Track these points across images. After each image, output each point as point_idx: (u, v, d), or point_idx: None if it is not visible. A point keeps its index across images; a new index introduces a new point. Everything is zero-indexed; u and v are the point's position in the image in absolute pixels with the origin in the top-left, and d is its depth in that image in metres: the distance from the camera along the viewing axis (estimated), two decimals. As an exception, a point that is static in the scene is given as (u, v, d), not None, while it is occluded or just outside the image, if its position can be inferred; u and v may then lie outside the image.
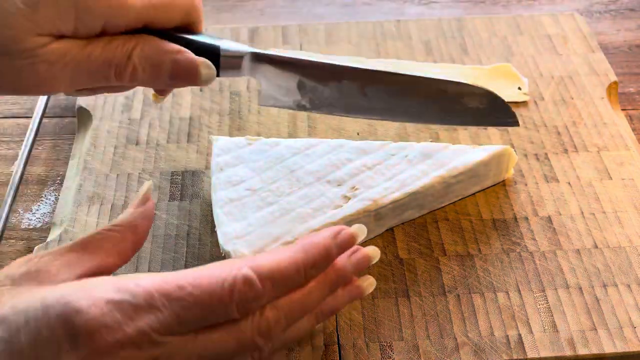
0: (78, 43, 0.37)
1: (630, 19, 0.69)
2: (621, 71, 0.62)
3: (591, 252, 0.46)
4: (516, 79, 0.58)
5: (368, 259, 0.39)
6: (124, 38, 0.38)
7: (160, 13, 0.38)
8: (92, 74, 0.37)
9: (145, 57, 0.38)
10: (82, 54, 0.36)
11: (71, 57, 0.36)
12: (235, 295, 0.31)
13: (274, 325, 0.33)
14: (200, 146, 0.53)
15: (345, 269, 0.37)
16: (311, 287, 0.35)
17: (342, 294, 0.38)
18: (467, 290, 0.44)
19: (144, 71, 0.38)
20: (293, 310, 0.34)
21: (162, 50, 0.38)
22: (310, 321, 0.36)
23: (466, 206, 0.49)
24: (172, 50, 0.38)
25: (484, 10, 0.70)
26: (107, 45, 0.37)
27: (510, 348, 0.41)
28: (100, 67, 0.37)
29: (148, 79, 0.39)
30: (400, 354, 0.41)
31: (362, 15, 0.70)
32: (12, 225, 0.50)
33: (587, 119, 0.55)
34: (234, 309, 0.31)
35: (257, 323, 0.32)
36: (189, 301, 0.30)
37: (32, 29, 0.35)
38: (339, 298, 0.38)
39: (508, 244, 0.46)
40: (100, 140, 0.53)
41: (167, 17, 0.38)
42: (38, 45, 0.35)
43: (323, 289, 0.36)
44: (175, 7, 0.39)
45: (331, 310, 0.38)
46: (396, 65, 0.59)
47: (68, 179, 0.52)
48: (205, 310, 0.31)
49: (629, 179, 0.50)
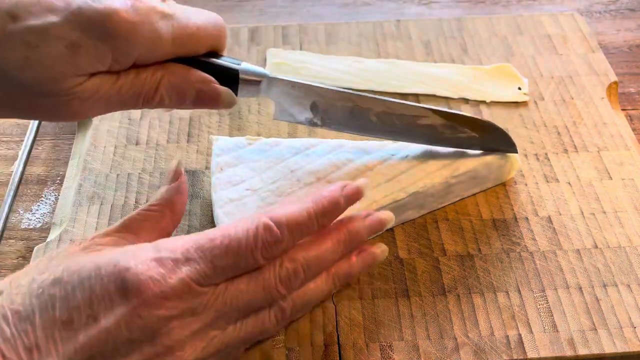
0: (110, 78, 0.38)
1: (630, 19, 0.69)
2: (621, 71, 0.62)
3: (591, 252, 0.46)
4: (516, 79, 0.58)
5: (382, 222, 0.41)
6: (152, 69, 0.39)
7: (189, 47, 0.40)
8: (122, 104, 0.39)
9: (171, 86, 0.40)
10: (114, 88, 0.38)
11: (104, 92, 0.38)
12: (259, 241, 0.35)
13: (293, 274, 0.36)
14: (200, 146, 0.53)
15: (359, 229, 0.40)
16: (326, 243, 0.38)
17: (356, 260, 0.41)
18: (467, 290, 0.44)
19: (170, 99, 0.40)
20: (310, 263, 0.37)
21: (187, 80, 0.40)
22: (327, 283, 0.39)
23: (466, 206, 0.49)
24: (196, 79, 0.40)
25: (484, 10, 0.70)
26: (136, 78, 0.39)
27: (510, 348, 0.41)
28: (130, 98, 0.39)
29: (173, 104, 0.41)
30: (400, 354, 0.41)
31: (362, 15, 0.70)
32: (12, 225, 0.50)
33: (587, 119, 0.55)
34: (258, 253, 0.35)
35: (278, 271, 0.36)
36: (220, 250, 0.34)
37: (72, 70, 0.36)
38: (353, 263, 0.41)
39: (508, 244, 0.46)
40: (100, 140, 0.53)
41: (195, 49, 0.40)
42: (75, 85, 0.37)
43: (337, 246, 0.39)
44: (204, 40, 0.40)
45: (346, 275, 0.40)
46: (396, 65, 0.59)
47: (68, 179, 0.52)
48: (235, 257, 0.35)
49: (629, 179, 0.50)
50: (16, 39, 0.35)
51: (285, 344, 0.41)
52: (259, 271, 0.36)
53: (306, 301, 0.38)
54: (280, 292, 0.36)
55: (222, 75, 0.41)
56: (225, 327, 0.35)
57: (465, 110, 0.56)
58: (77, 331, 0.32)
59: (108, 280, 0.32)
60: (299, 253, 0.37)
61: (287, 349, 0.41)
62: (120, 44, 0.37)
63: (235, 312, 0.35)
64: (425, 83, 0.57)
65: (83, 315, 0.32)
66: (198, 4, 0.70)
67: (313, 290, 0.39)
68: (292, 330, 0.42)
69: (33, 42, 0.35)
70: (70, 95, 0.37)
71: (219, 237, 0.35)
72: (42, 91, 0.37)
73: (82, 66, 0.37)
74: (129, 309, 0.32)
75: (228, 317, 0.35)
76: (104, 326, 0.32)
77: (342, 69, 0.59)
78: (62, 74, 0.36)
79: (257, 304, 0.36)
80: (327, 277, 0.39)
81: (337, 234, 0.39)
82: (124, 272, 0.33)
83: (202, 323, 0.34)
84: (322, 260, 0.38)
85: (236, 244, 0.35)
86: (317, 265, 0.38)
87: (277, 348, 0.41)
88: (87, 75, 0.37)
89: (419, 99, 0.57)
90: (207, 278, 0.34)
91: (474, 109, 0.56)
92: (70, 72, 0.36)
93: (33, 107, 0.38)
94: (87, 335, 0.32)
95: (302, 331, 0.42)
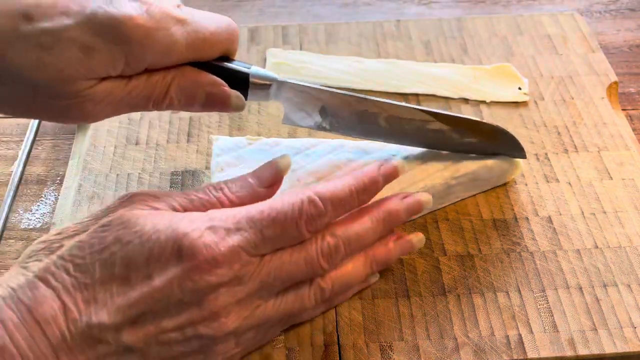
0: (121, 82, 0.38)
1: (630, 19, 0.69)
2: (621, 71, 0.62)
3: (591, 252, 0.46)
4: (516, 79, 0.58)
5: (420, 203, 0.42)
6: (163, 73, 0.40)
7: (203, 52, 0.40)
8: (132, 107, 0.40)
9: (181, 89, 0.41)
10: (124, 91, 0.39)
11: (115, 95, 0.38)
12: (304, 214, 0.37)
13: (334, 249, 0.38)
14: (200, 146, 0.53)
15: (397, 208, 0.41)
16: (365, 220, 0.40)
17: (393, 245, 0.42)
18: (467, 291, 0.44)
19: (180, 102, 0.41)
20: (350, 239, 0.39)
21: (197, 83, 0.41)
22: (365, 266, 0.41)
23: (466, 206, 0.49)
24: (206, 82, 0.41)
25: (484, 10, 0.70)
26: (147, 81, 0.39)
27: (511, 348, 0.41)
28: (140, 101, 0.40)
29: (182, 107, 0.41)
30: (400, 354, 0.41)
31: (362, 15, 0.70)
32: (11, 225, 0.50)
33: (587, 119, 0.55)
34: (303, 226, 0.37)
35: (320, 245, 0.38)
36: (268, 221, 0.36)
37: (84, 73, 0.37)
38: (391, 249, 0.42)
39: (508, 244, 0.46)
40: (100, 140, 0.53)
41: (208, 54, 0.41)
42: (86, 87, 0.37)
43: (376, 224, 0.40)
44: (217, 45, 0.41)
45: (384, 259, 0.42)
46: (396, 65, 0.59)
47: (68, 179, 0.52)
48: (282, 229, 0.36)
49: (629, 179, 0.50)
50: (30, 40, 0.35)
51: (285, 344, 0.41)
52: (302, 244, 0.38)
53: (344, 282, 0.40)
54: (322, 266, 0.38)
55: (232, 79, 0.41)
56: (267, 298, 0.37)
57: (465, 110, 0.56)
58: (132, 287, 0.34)
59: (166, 244, 0.35)
60: (340, 228, 0.39)
61: (287, 349, 0.41)
62: (134, 49, 0.37)
63: (278, 282, 0.37)
64: (425, 83, 0.57)
65: (140, 274, 0.35)
66: (198, 3, 0.70)
67: (351, 271, 0.40)
68: (292, 330, 0.42)
69: (47, 44, 0.35)
70: (82, 98, 0.37)
71: (267, 210, 0.37)
72: (54, 93, 0.37)
73: (94, 70, 0.37)
74: (182, 272, 0.34)
75: (271, 288, 0.37)
76: (157, 285, 0.34)
77: (342, 69, 0.59)
78: (75, 76, 0.36)
79: (299, 277, 0.38)
80: (365, 260, 0.41)
81: (377, 212, 0.41)
82: (181, 237, 0.35)
83: (247, 292, 0.36)
84: (362, 237, 0.40)
85: (283, 216, 0.37)
86: (357, 242, 0.39)
87: (277, 348, 0.41)
88: (99, 79, 0.37)
89: (419, 98, 0.57)
90: (255, 247, 0.36)
91: (474, 109, 0.56)
92: (82, 75, 0.36)
93: (44, 108, 0.38)
94: (141, 292, 0.34)
95: (302, 331, 0.42)
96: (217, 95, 0.41)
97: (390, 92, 0.57)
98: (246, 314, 0.36)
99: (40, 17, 0.35)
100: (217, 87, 0.41)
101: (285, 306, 0.38)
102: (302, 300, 0.39)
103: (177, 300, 0.34)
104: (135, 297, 0.34)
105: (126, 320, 0.34)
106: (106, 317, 0.34)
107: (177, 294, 0.34)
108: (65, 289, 0.34)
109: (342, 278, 0.40)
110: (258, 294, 0.37)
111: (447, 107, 0.56)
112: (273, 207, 0.37)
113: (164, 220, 0.36)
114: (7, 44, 0.35)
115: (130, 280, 0.35)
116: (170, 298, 0.34)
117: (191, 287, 0.34)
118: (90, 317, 0.34)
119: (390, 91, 0.57)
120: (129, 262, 0.35)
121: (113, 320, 0.34)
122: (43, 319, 0.33)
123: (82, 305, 0.34)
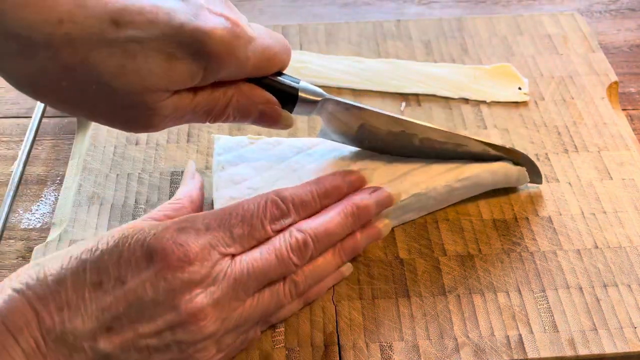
0: (188, 95, 0.38)
1: (630, 18, 0.69)
2: (621, 71, 0.62)
3: (591, 252, 0.46)
4: (516, 79, 0.58)
5: (390, 197, 0.44)
6: (225, 88, 0.40)
7: (265, 69, 0.41)
8: (193, 119, 0.40)
9: (239, 105, 0.41)
10: (191, 105, 0.39)
11: (182, 108, 0.38)
12: (267, 212, 0.39)
13: (302, 244, 0.39)
14: (200, 146, 0.53)
15: (366, 202, 0.42)
16: (332, 215, 0.41)
17: (360, 235, 0.43)
18: (468, 291, 0.44)
19: (235, 117, 0.41)
20: (318, 234, 0.40)
21: (253, 100, 0.41)
22: (335, 257, 0.42)
23: (466, 206, 0.49)
24: (261, 100, 0.41)
25: (484, 10, 0.70)
26: (210, 96, 0.39)
27: (511, 348, 0.41)
28: (202, 116, 0.40)
29: (235, 121, 0.42)
30: (400, 354, 0.41)
31: (362, 15, 0.70)
32: (11, 225, 0.50)
33: (587, 119, 0.55)
34: (267, 223, 0.39)
35: (288, 240, 0.39)
36: (236, 220, 0.38)
37: (164, 84, 0.36)
38: (358, 238, 0.43)
39: (508, 244, 0.46)
40: (100, 140, 0.53)
41: (268, 71, 0.41)
42: (161, 99, 0.37)
43: (344, 218, 0.41)
44: (277, 63, 0.41)
45: (352, 249, 0.43)
46: (396, 65, 0.59)
47: (68, 179, 0.52)
48: (249, 227, 0.38)
49: (630, 179, 0.50)
50: (116, 45, 0.34)
51: (285, 345, 0.41)
52: (271, 241, 0.39)
53: (317, 275, 0.41)
54: (293, 261, 0.39)
55: (282, 93, 0.42)
56: (244, 298, 0.37)
57: (466, 110, 0.56)
58: (105, 292, 0.35)
59: (135, 246, 0.36)
60: (308, 224, 0.40)
61: (287, 350, 0.41)
62: (213, 64, 0.37)
63: (252, 281, 0.37)
64: (425, 83, 0.57)
65: (111, 278, 0.35)
66: (198, 3, 0.70)
67: (322, 264, 0.41)
68: (292, 330, 0.42)
69: (132, 51, 0.34)
70: (153, 110, 0.37)
71: (234, 210, 0.39)
72: (128, 102, 0.36)
73: (174, 81, 0.36)
74: (154, 272, 0.35)
75: (246, 288, 0.37)
76: (129, 287, 0.35)
77: (342, 69, 0.59)
78: (154, 87, 0.36)
79: (272, 274, 0.38)
80: (334, 250, 0.42)
81: (345, 206, 0.42)
82: (150, 238, 0.36)
83: (222, 292, 0.36)
84: (331, 231, 0.41)
85: (249, 214, 0.39)
86: (327, 236, 0.40)
87: (277, 348, 0.41)
88: (172, 92, 0.37)
89: (419, 98, 0.57)
90: (226, 246, 0.37)
91: (474, 109, 0.56)
92: (161, 86, 0.36)
93: (111, 115, 0.37)
94: (114, 296, 0.35)
95: (302, 331, 0.42)
96: (269, 114, 0.42)
97: (390, 92, 0.57)
98: (224, 316, 0.36)
99: (129, 24, 0.34)
100: (271, 106, 0.42)
101: (262, 304, 0.38)
102: (278, 297, 0.39)
103: (152, 302, 0.34)
104: (109, 302, 0.34)
105: (101, 325, 0.34)
106: (80, 323, 0.34)
107: (151, 294, 0.34)
108: (38, 298, 0.34)
109: (314, 271, 0.41)
110: (234, 295, 0.37)
111: (447, 107, 0.56)
112: (239, 207, 0.39)
113: (131, 227, 0.37)
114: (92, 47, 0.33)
115: (103, 286, 0.35)
116: (144, 300, 0.34)
117: (165, 287, 0.35)
118: (64, 324, 0.34)
119: (390, 91, 0.57)
120: (99, 268, 0.35)
121: (87, 326, 0.34)
122: (16, 327, 0.33)
123: (55, 312, 0.34)
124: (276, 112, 0.42)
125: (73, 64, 0.33)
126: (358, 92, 0.57)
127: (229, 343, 0.38)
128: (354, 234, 0.43)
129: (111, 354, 0.34)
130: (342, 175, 0.44)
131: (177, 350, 0.35)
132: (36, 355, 0.33)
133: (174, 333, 0.35)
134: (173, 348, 0.35)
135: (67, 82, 0.34)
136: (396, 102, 0.56)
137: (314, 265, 0.41)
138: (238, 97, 0.40)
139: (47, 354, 0.33)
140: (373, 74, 0.58)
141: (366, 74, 0.58)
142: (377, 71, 0.58)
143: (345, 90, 0.58)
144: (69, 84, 0.34)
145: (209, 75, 0.37)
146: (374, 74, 0.58)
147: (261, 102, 0.41)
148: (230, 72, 0.38)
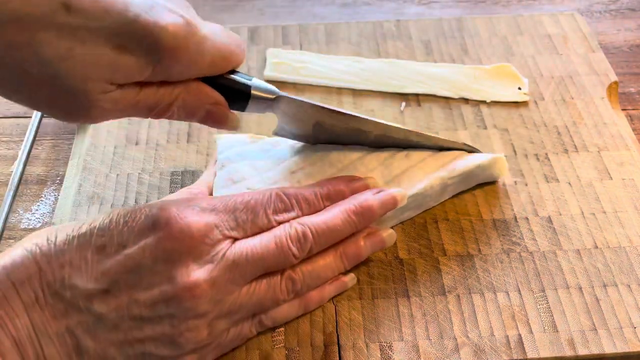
0: (132, 90, 0.38)
1: (630, 18, 0.69)
2: (621, 71, 0.62)
3: (591, 252, 0.46)
4: (516, 79, 0.58)
5: (394, 199, 0.43)
6: (172, 86, 0.39)
7: (219, 68, 0.40)
8: (133, 114, 0.40)
9: (185, 104, 0.40)
10: (134, 100, 0.38)
11: (123, 103, 0.38)
12: (271, 205, 0.40)
13: (302, 235, 0.39)
14: (200, 146, 0.53)
15: (370, 202, 0.42)
16: (335, 213, 0.41)
17: (364, 242, 0.43)
18: (467, 291, 0.44)
19: (179, 116, 0.41)
20: (319, 228, 0.40)
21: (200, 100, 0.41)
22: (336, 261, 0.42)
23: (466, 206, 0.49)
24: (209, 101, 0.41)
25: (484, 10, 0.70)
26: (156, 93, 0.39)
27: (510, 348, 0.41)
28: (144, 111, 0.40)
29: (180, 119, 0.42)
30: (400, 354, 0.41)
31: (362, 15, 0.70)
32: (11, 225, 0.50)
33: (587, 119, 0.55)
34: (270, 213, 0.40)
35: (289, 230, 0.39)
36: (241, 207, 0.39)
37: (109, 75, 0.36)
38: (361, 245, 0.43)
39: (508, 244, 0.46)
40: (100, 140, 0.53)
41: (222, 70, 0.41)
42: (104, 90, 0.36)
43: (347, 216, 0.41)
44: (232, 62, 0.41)
45: (354, 255, 0.43)
46: (396, 65, 0.59)
47: (68, 179, 0.52)
48: (253, 214, 0.39)
49: (629, 179, 0.50)
50: (65, 29, 0.34)
51: (285, 344, 0.41)
52: (272, 230, 0.39)
53: (316, 275, 0.41)
54: (292, 251, 0.39)
55: (234, 91, 0.42)
56: (240, 283, 0.38)
57: (466, 110, 0.56)
58: (107, 256, 0.36)
59: (141, 215, 0.37)
60: (309, 219, 0.40)
61: (287, 349, 0.41)
62: (165, 60, 0.36)
63: (250, 266, 0.38)
64: (425, 83, 0.57)
65: (115, 243, 0.36)
66: (198, 3, 0.70)
67: (322, 265, 0.41)
68: (292, 330, 0.42)
69: (81, 37, 0.34)
70: (94, 102, 0.36)
71: (241, 197, 0.40)
72: (71, 87, 0.35)
73: (121, 73, 0.36)
74: (155, 240, 0.36)
75: (243, 272, 0.38)
76: (130, 252, 0.36)
77: (342, 69, 0.59)
78: (99, 75, 0.35)
79: (270, 262, 0.38)
80: (335, 254, 0.42)
81: (348, 205, 0.42)
82: (157, 209, 0.37)
83: (219, 272, 0.37)
84: (332, 228, 0.41)
85: (254, 202, 0.40)
86: (327, 232, 0.40)
87: (277, 348, 0.41)
88: (117, 85, 0.37)
89: (419, 98, 0.57)
90: (229, 229, 0.38)
91: (473, 109, 0.56)
92: (107, 76, 0.36)
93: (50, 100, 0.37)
94: (115, 260, 0.36)
95: (302, 331, 0.42)
96: (216, 114, 0.42)
97: (390, 92, 0.57)
98: (218, 298, 0.37)
99: (81, 10, 0.34)
100: (217, 106, 0.41)
101: (258, 295, 0.39)
102: (274, 291, 0.39)
103: (150, 270, 0.35)
104: (109, 265, 0.35)
105: (99, 287, 0.35)
106: (79, 281, 0.35)
107: (149, 262, 0.35)
108: (43, 255, 0.36)
109: (312, 271, 0.41)
110: (231, 277, 0.37)
111: (447, 107, 0.56)
112: (245, 195, 0.40)
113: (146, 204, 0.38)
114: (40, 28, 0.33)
115: (105, 250, 0.36)
116: (143, 267, 0.35)
117: (163, 256, 0.35)
118: (64, 281, 0.35)
119: (390, 91, 0.57)
120: (104, 233, 0.36)
121: (86, 285, 0.35)
122: (18, 280, 0.35)
123: (57, 269, 0.35)
124: (223, 113, 0.42)
125: (18, 43, 0.33)
126: (358, 92, 0.57)
127: (221, 329, 0.38)
128: (358, 239, 0.43)
129: (105, 316, 0.35)
130: (347, 180, 0.44)
131: (169, 325, 0.36)
132: (34, 307, 0.35)
133: (168, 306, 0.35)
134: (165, 322, 0.36)
135: (10, 60, 0.34)
136: (396, 102, 0.56)
137: (313, 265, 0.41)
138: (185, 95, 0.40)
139: (44, 307, 0.35)
140: (373, 74, 0.58)
141: (366, 74, 0.58)
142: (377, 71, 0.58)
143: (345, 90, 0.58)
144: (11, 64, 0.34)
145: (159, 72, 0.37)
146: (374, 74, 0.58)
147: (209, 102, 0.41)
148: (181, 70, 0.38)
